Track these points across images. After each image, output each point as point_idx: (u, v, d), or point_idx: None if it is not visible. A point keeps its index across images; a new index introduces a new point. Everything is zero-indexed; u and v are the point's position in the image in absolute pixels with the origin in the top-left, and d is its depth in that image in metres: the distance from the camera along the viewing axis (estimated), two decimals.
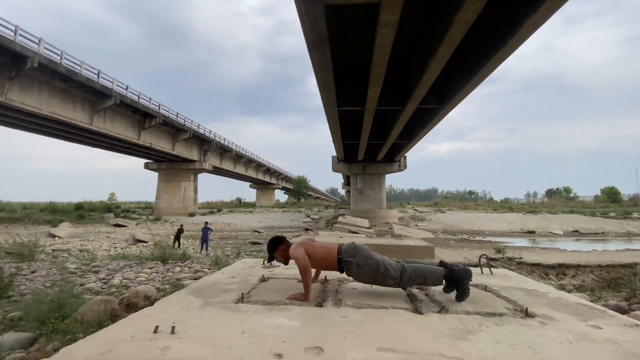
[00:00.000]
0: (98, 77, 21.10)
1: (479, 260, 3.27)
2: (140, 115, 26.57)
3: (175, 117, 30.56)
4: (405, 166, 29.55)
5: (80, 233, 20.46)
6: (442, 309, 2.07)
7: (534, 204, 47.67)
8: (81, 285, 4.72)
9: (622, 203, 43.45)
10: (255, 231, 25.39)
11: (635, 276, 5.13)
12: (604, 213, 31.19)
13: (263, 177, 56.05)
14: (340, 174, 46.56)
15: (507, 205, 40.40)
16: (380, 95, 13.95)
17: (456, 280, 2.30)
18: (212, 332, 1.67)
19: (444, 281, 2.36)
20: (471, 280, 2.32)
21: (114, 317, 2.96)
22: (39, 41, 16.49)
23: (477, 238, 18.73)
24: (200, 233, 13.75)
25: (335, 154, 28.78)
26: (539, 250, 11.76)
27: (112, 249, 12.94)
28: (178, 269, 6.14)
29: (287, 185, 67.71)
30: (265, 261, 3.61)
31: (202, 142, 36.38)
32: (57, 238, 17.58)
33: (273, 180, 61.09)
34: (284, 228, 27.34)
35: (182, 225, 14.86)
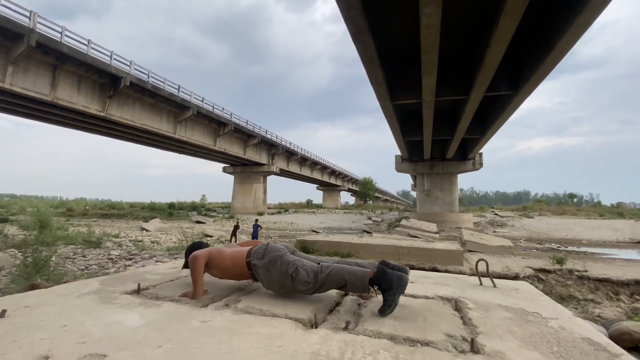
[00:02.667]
0: (178, 92, 24.01)
1: (476, 266, 2.43)
2: (215, 123, 29.37)
3: (245, 124, 32.97)
4: (481, 164, 26.39)
5: (166, 228, 23.43)
6: (348, 326, 1.49)
7: None
8: (107, 269, 5.19)
9: None
10: (314, 231, 25.59)
11: None
12: None
13: (328, 179, 56.59)
14: (409, 176, 44.07)
15: (617, 211, 32.74)
16: (438, 84, 12.62)
17: (383, 287, 1.66)
18: (38, 322, 1.45)
19: (372, 288, 1.74)
20: (404, 292, 1.66)
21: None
22: (130, 63, 19.52)
23: (569, 248, 15.40)
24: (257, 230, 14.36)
25: (399, 153, 27.25)
26: (621, 261, 8.92)
27: (179, 242, 14.38)
28: (151, 265, 6.35)
29: (353, 187, 67.06)
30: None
31: (270, 146, 38.50)
32: (145, 231, 20.45)
33: (338, 182, 61.21)
34: (344, 229, 26.97)
35: (238, 221, 15.77)
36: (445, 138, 21.38)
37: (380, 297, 1.96)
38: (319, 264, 1.88)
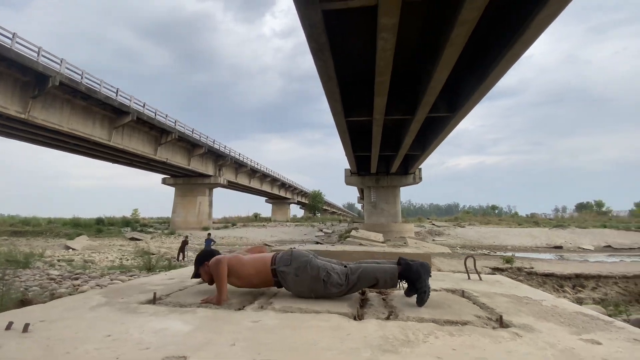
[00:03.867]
0: (117, 95, 22.02)
1: (465, 263, 2.76)
2: (157, 131, 27.40)
3: (191, 133, 31.36)
4: (420, 178, 28.67)
5: (95, 246, 20.83)
6: (391, 315, 1.62)
7: (562, 218, 44.80)
8: (53, 290, 4.52)
9: None
10: (266, 245, 25.06)
11: None
12: None
13: (278, 191, 56.12)
14: (356, 189, 45.89)
15: (532, 220, 38.13)
16: (388, 104, 13.60)
17: (413, 278, 1.85)
18: (72, 334, 1.31)
19: (400, 282, 1.91)
20: (430, 276, 1.86)
21: None
22: (61, 61, 17.45)
23: (497, 253, 17.49)
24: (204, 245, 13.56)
25: (348, 167, 28.37)
26: (557, 261, 10.68)
27: (118, 261, 12.93)
28: (143, 277, 5.87)
29: (303, 200, 67.42)
30: None
31: (217, 157, 37.03)
32: (71, 250, 17.94)
33: (288, 195, 61.04)
34: (296, 242, 26.87)
35: (186, 237, 14.79)
36: (391, 154, 22.90)
37: (396, 292, 2.13)
38: (345, 266, 1.99)
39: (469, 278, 2.72)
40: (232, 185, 44.31)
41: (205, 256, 2.17)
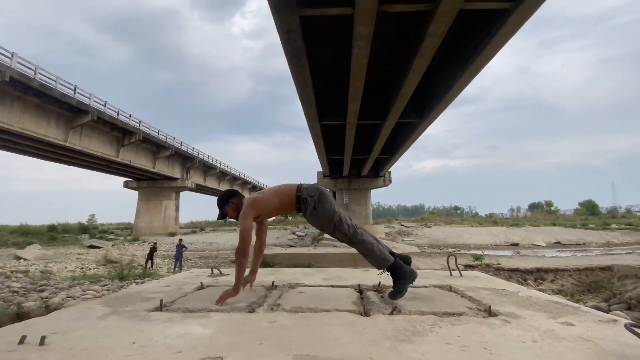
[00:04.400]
0: (75, 93, 20.58)
1: (447, 261, 3.00)
2: (119, 132, 25.93)
3: (157, 134, 30.03)
4: (390, 181, 29.60)
5: (49, 255, 19.21)
6: (394, 310, 1.77)
7: (517, 217, 48.31)
8: (19, 304, 4.18)
9: (601, 215, 44.51)
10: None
11: (614, 278, 4.95)
12: (584, 225, 31.74)
13: (249, 194, 55.09)
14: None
15: (491, 220, 40.75)
16: (361, 110, 13.98)
17: (398, 276, 2.02)
18: (94, 343, 1.31)
19: (385, 270, 2.09)
20: (413, 284, 2.06)
21: None
22: (12, 55, 16.02)
23: (462, 251, 18.54)
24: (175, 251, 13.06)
25: (320, 170, 28.64)
26: (518, 257, 11.63)
27: (79, 270, 12.06)
28: (135, 285, 5.63)
29: None
30: (214, 270, 3.25)
31: (185, 159, 35.74)
32: (22, 260, 16.45)
33: None
34: (268, 245, 26.57)
35: (155, 243, 14.15)
36: (362, 157, 23.46)
37: (390, 289, 2.29)
38: (360, 228, 2.14)
39: (451, 275, 2.96)
40: (200, 189, 42.91)
41: (229, 195, 2.35)
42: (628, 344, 1.23)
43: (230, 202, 2.28)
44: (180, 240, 13.04)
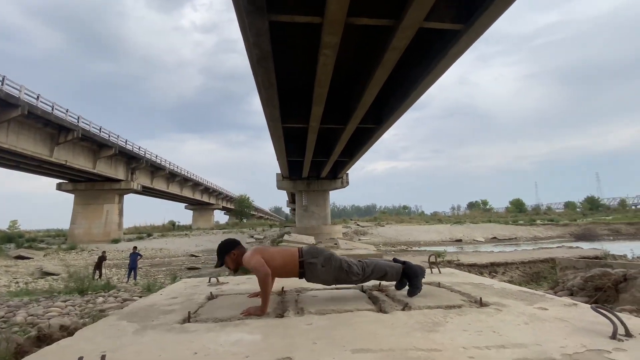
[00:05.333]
0: (2, 84, 18.04)
1: (429, 260, 3.40)
2: (54, 128, 23.23)
3: (98, 131, 27.48)
4: (347, 182, 30.53)
5: None
6: (406, 306, 2.05)
7: (458, 216, 52.95)
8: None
9: (527, 212, 50.68)
10: (193, 256, 23.50)
11: (554, 269, 5.91)
12: (515, 221, 35.94)
13: (201, 197, 52.70)
14: (284, 193, 46.13)
15: (436, 218, 44.11)
16: (324, 114, 14.35)
17: (411, 276, 2.34)
18: (156, 357, 1.38)
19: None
20: (424, 277, 2.38)
21: (20, 354, 2.30)
22: None
23: (414, 248, 19.91)
24: (128, 260, 12.17)
25: (279, 172, 28.55)
26: (472, 253, 12.95)
27: (14, 285, 10.64)
28: (101, 299, 5.25)
29: (228, 205, 64.60)
30: (212, 278, 3.27)
31: (130, 159, 33.14)
32: None
33: (212, 201, 57.78)
34: None
35: (104, 252, 13.03)
36: (322, 159, 23.95)
37: (391, 288, 2.59)
38: (359, 261, 2.38)
39: (431, 272, 3.35)
40: (147, 191, 40.01)
41: (230, 245, 2.36)
42: (593, 321, 1.64)
43: (231, 253, 2.32)
44: (135, 248, 12.18)
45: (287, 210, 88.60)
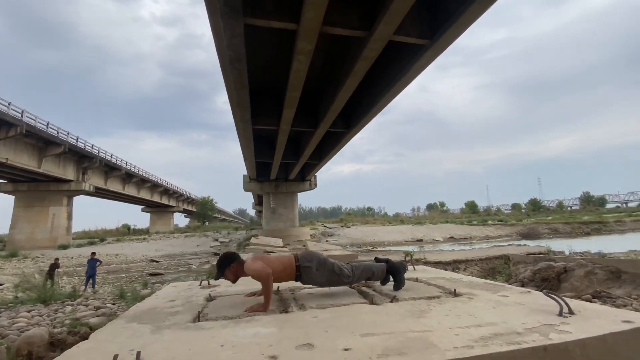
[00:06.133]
0: None
1: (404, 258, 3.75)
2: None
3: (45, 127, 25.21)
4: (315, 185, 30.86)
5: None
6: (394, 299, 2.34)
7: (418, 216, 55.77)
8: None
9: (480, 213, 54.71)
10: (153, 261, 22.38)
11: (507, 264, 6.67)
12: (469, 222, 38.65)
13: (160, 199, 50.13)
14: (250, 195, 45.38)
15: (398, 219, 46.07)
16: (295, 117, 14.54)
17: (394, 272, 2.65)
18: (186, 351, 1.52)
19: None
20: (407, 271, 2.71)
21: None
22: None
23: (379, 248, 20.73)
24: (85, 267, 11.39)
25: (246, 173, 28.13)
26: (436, 252, 13.87)
27: None
28: (70, 308, 4.98)
29: (190, 208, 62.09)
30: (203, 281, 3.35)
31: (82, 158, 30.74)
32: None
33: (172, 203, 55.19)
34: (188, 255, 24.93)
35: (57, 259, 12.08)
36: (291, 162, 24.06)
37: (377, 284, 2.89)
38: (347, 263, 2.63)
39: (407, 269, 3.70)
40: (100, 192, 37.32)
41: (230, 259, 2.51)
42: (543, 304, 2.04)
43: (231, 266, 2.45)
44: (93, 253, 11.43)
45: (252, 212, 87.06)
